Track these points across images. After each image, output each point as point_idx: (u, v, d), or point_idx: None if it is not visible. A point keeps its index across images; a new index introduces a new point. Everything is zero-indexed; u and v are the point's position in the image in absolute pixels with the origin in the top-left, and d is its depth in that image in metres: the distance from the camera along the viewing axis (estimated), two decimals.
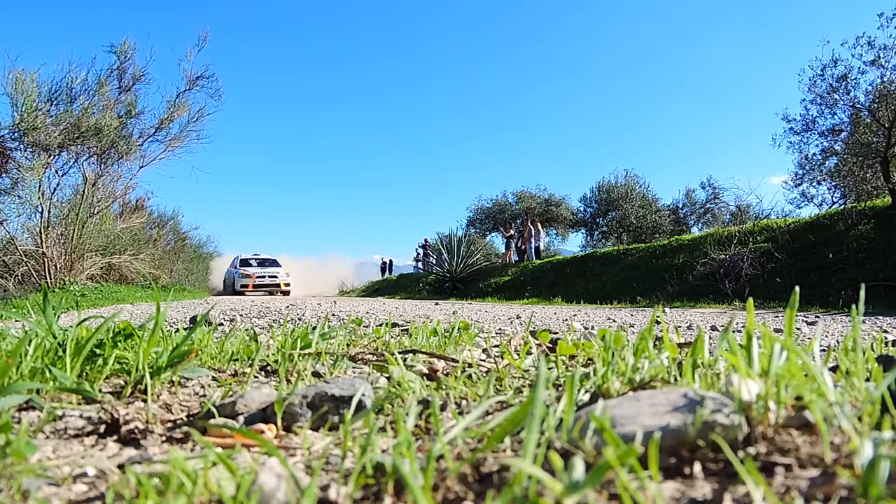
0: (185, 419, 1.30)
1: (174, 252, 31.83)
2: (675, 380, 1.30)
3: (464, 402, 1.43)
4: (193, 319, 5.88)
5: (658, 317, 1.44)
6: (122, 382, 1.57)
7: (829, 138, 16.86)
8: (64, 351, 1.47)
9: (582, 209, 36.51)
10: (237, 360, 2.04)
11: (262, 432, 1.18)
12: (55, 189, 19.32)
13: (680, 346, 1.88)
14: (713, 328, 5.84)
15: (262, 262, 31.08)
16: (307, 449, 1.05)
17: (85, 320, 1.70)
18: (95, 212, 20.48)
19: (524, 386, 1.50)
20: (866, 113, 15.40)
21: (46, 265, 18.96)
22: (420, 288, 29.37)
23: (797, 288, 1.08)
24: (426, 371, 1.90)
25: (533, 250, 27.45)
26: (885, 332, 5.02)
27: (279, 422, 1.23)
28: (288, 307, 11.60)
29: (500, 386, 1.52)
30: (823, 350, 3.12)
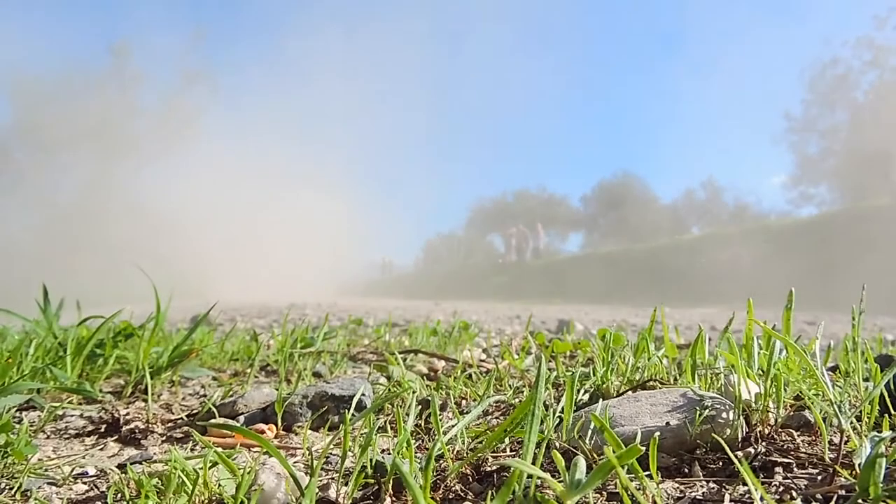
0: (186, 419, 1.30)
1: None
2: (675, 380, 1.30)
3: (464, 401, 1.43)
4: (194, 319, 5.88)
5: (658, 316, 1.44)
6: (123, 382, 1.57)
7: (828, 137, 16.91)
8: (65, 351, 1.47)
9: (582, 209, 36.62)
10: (237, 359, 2.05)
11: (263, 432, 1.18)
12: (56, 189, 19.31)
13: (680, 346, 1.89)
14: (713, 328, 5.84)
15: None
16: (307, 449, 1.05)
17: (86, 320, 1.71)
18: (96, 211, 20.46)
19: (524, 386, 1.51)
20: (866, 112, 15.45)
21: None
22: (421, 287, 29.39)
23: (794, 287, 1.08)
24: (426, 371, 1.90)
25: (533, 250, 27.45)
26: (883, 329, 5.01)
27: (279, 421, 1.23)
28: (289, 307, 11.59)
29: (500, 386, 1.52)
30: (823, 350, 3.10)
